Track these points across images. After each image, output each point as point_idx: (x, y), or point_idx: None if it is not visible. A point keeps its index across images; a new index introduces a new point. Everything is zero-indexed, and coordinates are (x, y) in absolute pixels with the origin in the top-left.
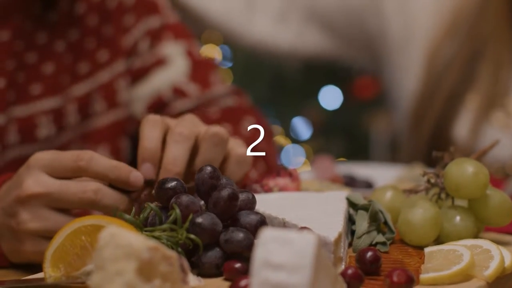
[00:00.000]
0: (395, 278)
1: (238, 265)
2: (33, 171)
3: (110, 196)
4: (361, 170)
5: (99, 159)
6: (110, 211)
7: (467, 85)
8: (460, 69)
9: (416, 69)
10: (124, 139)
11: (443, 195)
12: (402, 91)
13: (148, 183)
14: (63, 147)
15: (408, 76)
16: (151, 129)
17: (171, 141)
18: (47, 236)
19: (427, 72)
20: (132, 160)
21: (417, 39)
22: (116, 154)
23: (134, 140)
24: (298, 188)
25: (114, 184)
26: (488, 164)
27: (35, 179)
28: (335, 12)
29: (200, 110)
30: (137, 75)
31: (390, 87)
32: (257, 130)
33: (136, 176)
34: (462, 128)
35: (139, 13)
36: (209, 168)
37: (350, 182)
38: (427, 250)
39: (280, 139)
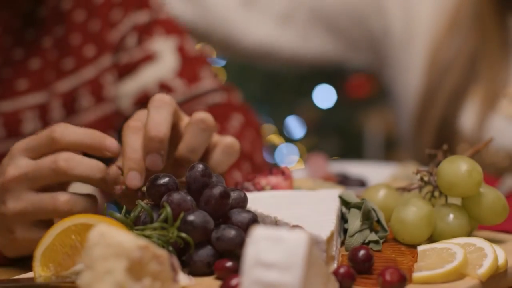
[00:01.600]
0: (387, 277)
1: (229, 263)
2: (14, 157)
3: (84, 164)
4: (355, 168)
5: (72, 128)
6: (86, 181)
7: (470, 79)
8: (463, 64)
9: (419, 66)
10: (112, 134)
11: (436, 193)
12: (405, 88)
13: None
14: None
15: (411, 73)
16: (132, 137)
17: (152, 107)
18: (36, 220)
19: (430, 68)
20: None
21: (419, 36)
22: None
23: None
24: (290, 187)
25: (91, 152)
26: (495, 152)
27: (15, 164)
28: (339, 13)
29: (186, 109)
30: (125, 71)
31: (392, 85)
32: (244, 129)
33: (112, 141)
34: (468, 119)
35: (127, 8)
36: (200, 166)
37: (343, 180)
38: (420, 248)
39: (273, 138)
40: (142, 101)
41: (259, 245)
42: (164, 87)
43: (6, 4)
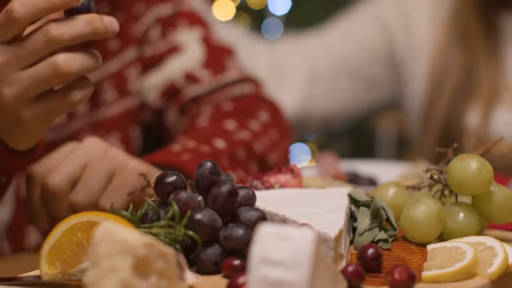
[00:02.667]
0: (396, 276)
1: (236, 262)
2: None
3: (71, 25)
4: (365, 167)
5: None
6: (80, 39)
7: (470, 79)
8: (461, 67)
9: (422, 73)
10: (135, 128)
11: (446, 192)
12: (412, 94)
13: None
14: (73, 135)
15: (415, 80)
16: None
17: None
18: (38, 95)
19: (431, 74)
20: (143, 150)
21: (420, 47)
22: (127, 143)
23: (146, 128)
24: (299, 185)
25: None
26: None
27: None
28: (357, 58)
29: (213, 99)
30: (150, 63)
31: (400, 92)
32: (266, 128)
33: (111, 18)
34: (473, 116)
35: (150, 1)
36: (209, 164)
37: (354, 179)
38: (429, 247)
39: None
40: (169, 92)
41: (266, 242)
42: (190, 78)
43: None
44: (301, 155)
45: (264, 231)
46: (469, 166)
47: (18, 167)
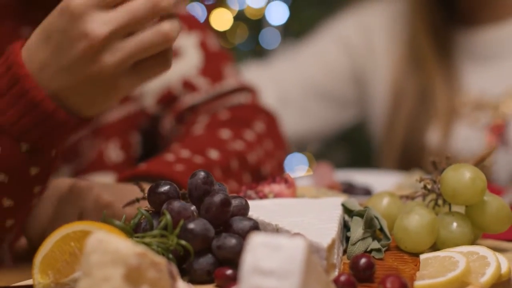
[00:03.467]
0: (388, 285)
1: (229, 271)
2: (85, 15)
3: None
4: (361, 177)
5: None
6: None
7: (427, 101)
8: (417, 90)
9: (383, 94)
10: (135, 134)
11: (440, 202)
12: (375, 113)
13: None
14: (75, 144)
15: (378, 99)
16: None
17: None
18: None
19: (390, 96)
20: (143, 155)
21: (381, 69)
22: (127, 149)
23: (145, 134)
24: (293, 195)
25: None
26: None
27: (97, 21)
28: (324, 79)
29: (210, 108)
30: None
31: (367, 111)
32: (261, 138)
33: None
34: (432, 135)
35: None
36: (202, 173)
37: (349, 189)
38: (422, 257)
39: None
40: (166, 99)
41: (257, 252)
42: (188, 85)
43: (42, 5)
44: (298, 165)
45: (255, 240)
46: (462, 176)
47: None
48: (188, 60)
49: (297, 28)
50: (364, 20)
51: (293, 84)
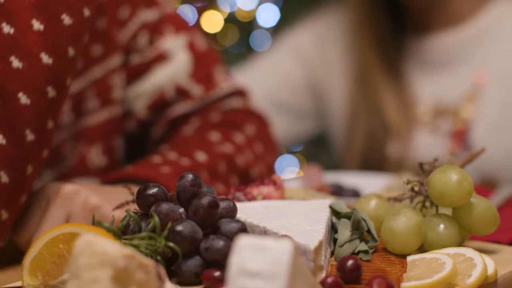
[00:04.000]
0: (375, 287)
1: (217, 273)
2: None
3: None
4: (350, 179)
5: None
6: None
7: (381, 116)
8: (370, 107)
9: (339, 107)
10: (118, 138)
11: (427, 204)
12: (333, 125)
13: None
14: (57, 148)
15: (335, 112)
16: None
17: None
18: None
19: (346, 112)
20: (126, 159)
21: (337, 83)
22: (109, 153)
23: (130, 137)
24: (282, 197)
25: None
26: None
27: None
28: (282, 91)
29: (202, 113)
30: (137, 71)
31: (326, 123)
32: (251, 141)
33: None
34: (392, 147)
35: (135, 6)
36: (190, 176)
37: (337, 190)
38: (409, 258)
39: None
40: (158, 105)
41: (244, 254)
42: (181, 92)
43: None
44: (289, 167)
45: (242, 242)
46: (449, 178)
47: None
48: (177, 62)
49: (288, 30)
50: (319, 31)
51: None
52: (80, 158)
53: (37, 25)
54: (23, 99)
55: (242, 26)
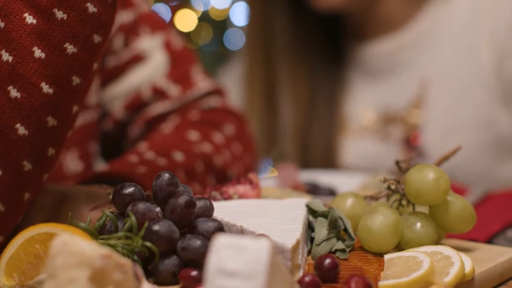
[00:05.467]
0: (353, 285)
1: (194, 273)
2: None
3: None
4: (325, 177)
5: None
6: None
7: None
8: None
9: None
10: (93, 143)
11: (404, 202)
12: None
13: None
14: None
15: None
16: None
17: None
18: None
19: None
20: (103, 159)
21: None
22: (85, 159)
23: (106, 140)
24: (258, 196)
25: None
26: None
27: None
28: None
29: (180, 112)
30: (113, 73)
31: None
32: (229, 141)
33: None
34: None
35: None
36: (167, 175)
37: (313, 189)
38: (386, 257)
39: None
40: (134, 105)
41: (222, 253)
42: (158, 92)
43: None
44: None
45: (220, 242)
46: (426, 176)
47: None
48: (154, 63)
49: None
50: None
51: None
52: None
53: (38, 52)
54: (21, 130)
55: (215, 25)
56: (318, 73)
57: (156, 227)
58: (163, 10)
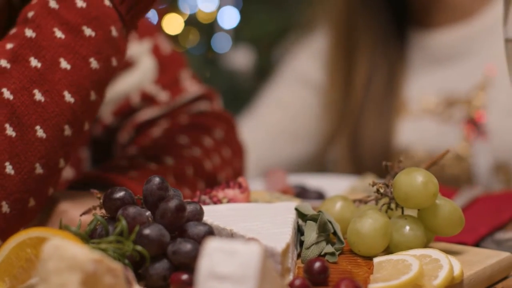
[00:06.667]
0: None
1: (185, 276)
2: None
3: None
4: (314, 181)
5: None
6: None
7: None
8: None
9: None
10: (85, 150)
11: (393, 205)
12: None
13: None
14: None
15: None
16: None
17: None
18: None
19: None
20: (93, 164)
21: None
22: (76, 165)
23: (96, 145)
24: (247, 199)
25: None
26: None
27: None
28: (289, 121)
29: (169, 117)
30: None
31: None
32: (219, 146)
33: None
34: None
35: None
36: (157, 179)
37: (302, 193)
38: (376, 260)
39: None
40: (123, 111)
41: (213, 257)
42: (147, 98)
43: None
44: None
45: (211, 245)
46: (414, 180)
47: None
48: (142, 69)
49: (248, 32)
50: (319, 52)
51: (261, 135)
52: None
53: (64, 63)
54: (39, 132)
55: (203, 28)
56: (379, 55)
57: (147, 231)
58: (149, 14)
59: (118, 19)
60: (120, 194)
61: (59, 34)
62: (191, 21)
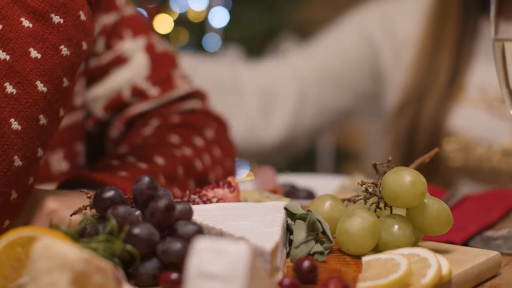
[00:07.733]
0: (331, 287)
1: (174, 275)
2: None
3: None
4: (303, 180)
5: None
6: None
7: (452, 86)
8: (443, 76)
9: (402, 82)
10: (79, 143)
11: (381, 204)
12: (389, 103)
13: None
14: None
15: (395, 90)
16: None
17: None
18: None
19: (414, 77)
20: (87, 164)
21: (404, 55)
22: (71, 159)
23: (88, 139)
24: (236, 199)
25: None
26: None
27: None
28: (342, 69)
29: (160, 114)
30: (95, 75)
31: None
32: (210, 146)
33: None
34: (455, 119)
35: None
36: (147, 179)
37: (291, 192)
38: (364, 259)
39: None
40: (114, 105)
41: (202, 256)
42: (137, 93)
43: None
44: (240, 169)
45: (200, 244)
46: (403, 179)
47: None
48: (135, 65)
49: (237, 31)
50: (387, 12)
51: (312, 77)
52: (42, 164)
53: (34, 53)
54: (14, 125)
55: (193, 28)
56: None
57: (136, 231)
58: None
59: (85, 3)
60: (110, 193)
61: (26, 23)
62: (182, 20)
